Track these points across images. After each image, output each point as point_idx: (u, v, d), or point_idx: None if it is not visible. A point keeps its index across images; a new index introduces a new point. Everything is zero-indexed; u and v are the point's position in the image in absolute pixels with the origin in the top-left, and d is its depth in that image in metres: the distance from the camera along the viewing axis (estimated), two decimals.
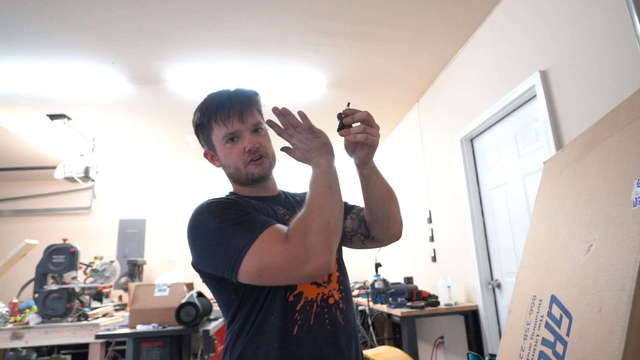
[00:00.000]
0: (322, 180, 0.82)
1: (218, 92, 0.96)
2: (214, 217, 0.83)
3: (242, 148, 0.92)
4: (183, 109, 3.68)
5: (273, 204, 0.97)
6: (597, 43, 1.74)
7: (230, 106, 0.92)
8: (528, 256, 1.34)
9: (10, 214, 5.62)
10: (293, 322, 0.85)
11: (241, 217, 0.82)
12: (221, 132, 0.92)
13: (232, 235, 0.79)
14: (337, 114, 0.89)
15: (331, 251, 0.76)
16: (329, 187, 0.81)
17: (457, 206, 3.05)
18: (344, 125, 0.88)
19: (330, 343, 0.86)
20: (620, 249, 0.91)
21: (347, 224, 1.06)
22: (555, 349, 1.01)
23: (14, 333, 3.02)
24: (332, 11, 2.46)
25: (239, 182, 0.97)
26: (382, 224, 0.99)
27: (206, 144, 0.98)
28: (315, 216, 0.77)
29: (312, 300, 0.88)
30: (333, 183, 0.82)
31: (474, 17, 2.59)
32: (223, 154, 0.94)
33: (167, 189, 6.02)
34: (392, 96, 3.74)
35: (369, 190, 0.96)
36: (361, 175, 0.95)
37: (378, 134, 0.89)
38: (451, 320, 3.13)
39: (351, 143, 0.91)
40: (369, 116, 0.88)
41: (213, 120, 0.93)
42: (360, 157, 0.91)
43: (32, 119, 3.84)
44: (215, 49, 2.83)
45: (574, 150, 1.29)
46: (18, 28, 2.50)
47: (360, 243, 1.06)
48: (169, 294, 2.73)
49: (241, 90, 0.96)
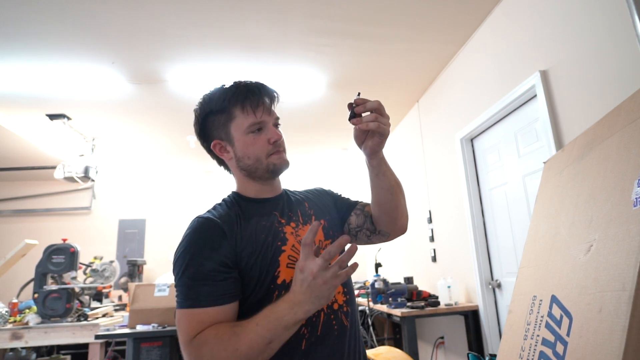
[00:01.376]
0: (275, 328, 0.72)
1: (240, 81, 0.93)
2: (183, 260, 0.81)
3: (267, 139, 0.90)
4: (183, 109, 3.68)
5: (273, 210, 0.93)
6: (597, 43, 1.74)
7: (260, 95, 0.90)
8: (528, 256, 1.34)
9: (10, 214, 5.62)
10: (300, 337, 0.82)
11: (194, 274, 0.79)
12: (247, 120, 0.89)
13: (179, 290, 0.81)
14: (348, 104, 0.88)
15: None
16: (270, 342, 0.72)
17: (457, 206, 3.05)
18: (355, 114, 0.87)
19: (338, 348, 0.86)
20: (621, 249, 0.90)
21: (351, 220, 1.04)
22: (556, 349, 1.01)
23: (14, 333, 3.02)
24: (332, 11, 2.46)
25: (255, 175, 0.92)
26: (390, 216, 0.99)
27: (218, 133, 0.92)
28: (229, 347, 0.71)
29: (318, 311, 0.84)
30: (276, 341, 0.73)
31: (474, 17, 2.59)
32: (244, 144, 0.90)
33: (167, 189, 6.02)
34: (392, 96, 3.74)
35: (379, 182, 0.95)
36: (370, 167, 0.94)
37: (389, 123, 0.88)
38: (451, 320, 3.13)
39: (361, 133, 0.89)
40: (380, 105, 0.87)
41: (239, 107, 0.89)
42: (371, 147, 0.90)
43: (32, 119, 3.84)
44: (215, 49, 2.83)
45: (574, 150, 1.29)
46: (18, 28, 2.50)
47: (366, 238, 1.04)
48: (169, 294, 2.73)
49: (267, 85, 0.94)
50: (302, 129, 4.43)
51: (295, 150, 5.17)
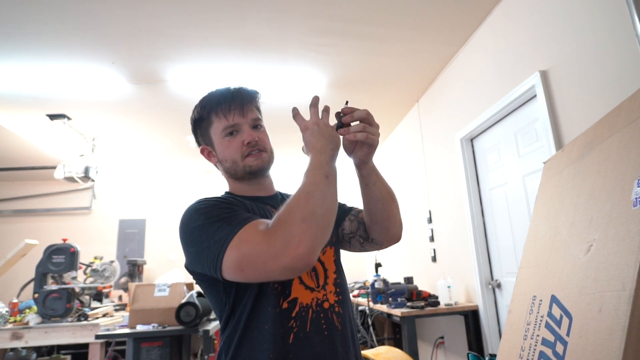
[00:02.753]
0: (320, 169, 0.78)
1: (219, 88, 0.97)
2: (199, 215, 0.81)
3: (241, 141, 0.92)
4: (183, 109, 3.68)
5: (268, 204, 0.95)
6: (597, 43, 1.74)
7: (231, 99, 0.92)
8: (528, 256, 1.34)
9: (10, 214, 5.62)
10: (289, 330, 0.82)
11: (226, 213, 0.79)
12: (221, 124, 0.92)
13: (215, 231, 0.76)
14: (336, 113, 0.88)
15: (314, 243, 0.70)
16: (326, 177, 0.76)
17: (457, 206, 3.05)
18: (342, 124, 0.87)
19: (327, 349, 0.84)
20: (621, 249, 0.91)
21: (345, 226, 1.04)
22: (556, 349, 1.01)
23: (14, 333, 3.02)
24: (332, 11, 2.46)
25: (235, 177, 0.95)
26: (382, 226, 0.97)
27: (204, 139, 0.97)
28: (301, 204, 0.72)
29: (307, 306, 0.85)
30: (331, 174, 0.78)
31: (474, 17, 2.59)
32: (221, 147, 0.93)
33: (167, 189, 6.02)
34: (392, 96, 3.74)
35: (369, 191, 0.94)
36: (360, 176, 0.94)
37: (378, 132, 0.88)
38: (451, 320, 3.13)
39: (350, 142, 0.89)
40: (369, 114, 0.87)
41: (214, 113, 0.93)
42: (359, 157, 0.90)
43: (32, 119, 3.84)
44: (215, 49, 2.83)
45: (574, 150, 1.29)
46: (18, 28, 2.50)
47: (359, 245, 1.04)
48: (169, 294, 2.73)
49: (243, 88, 0.96)
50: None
51: (295, 150, 5.16)
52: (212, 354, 2.64)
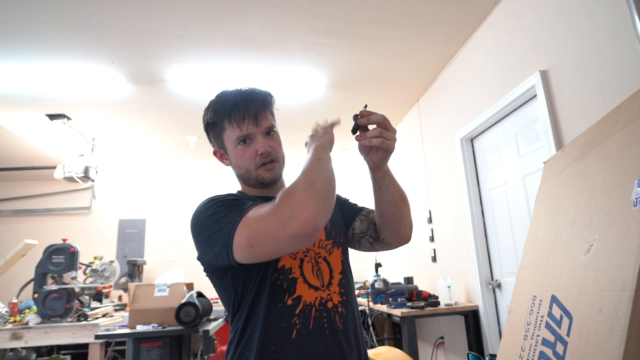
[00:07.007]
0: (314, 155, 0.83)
1: (232, 91, 0.95)
2: (211, 206, 0.84)
3: (255, 151, 0.91)
4: (183, 109, 3.67)
5: None
6: (597, 43, 1.74)
7: (245, 108, 0.91)
8: (528, 256, 1.34)
9: (10, 214, 5.62)
10: (292, 326, 0.84)
11: (237, 202, 0.83)
12: (234, 133, 0.91)
13: (226, 216, 0.80)
14: (353, 115, 0.89)
15: (317, 207, 0.72)
16: (319, 160, 0.82)
17: (457, 206, 3.05)
18: (358, 127, 0.87)
19: (329, 348, 0.85)
20: (621, 249, 0.90)
21: (355, 226, 1.05)
22: (556, 349, 1.01)
23: (14, 333, 3.01)
24: (332, 11, 2.46)
25: (248, 183, 0.97)
26: (393, 228, 0.98)
27: (217, 142, 0.98)
28: (301, 179, 0.77)
29: (310, 304, 0.87)
30: (324, 158, 0.83)
31: (474, 17, 2.59)
32: (234, 155, 0.94)
33: (167, 189, 6.02)
34: (392, 96, 3.74)
35: (382, 194, 0.95)
36: (374, 179, 0.94)
37: (395, 138, 0.88)
38: (451, 320, 3.13)
39: (366, 146, 0.90)
40: (385, 119, 0.87)
41: (227, 120, 0.92)
42: (374, 161, 0.91)
43: (32, 119, 3.84)
44: (215, 49, 2.83)
45: (574, 150, 1.29)
46: (18, 28, 2.50)
47: (369, 245, 1.05)
48: (168, 294, 2.73)
49: (256, 92, 0.94)
50: (302, 129, 4.43)
51: (295, 150, 5.16)
52: (212, 354, 2.64)
